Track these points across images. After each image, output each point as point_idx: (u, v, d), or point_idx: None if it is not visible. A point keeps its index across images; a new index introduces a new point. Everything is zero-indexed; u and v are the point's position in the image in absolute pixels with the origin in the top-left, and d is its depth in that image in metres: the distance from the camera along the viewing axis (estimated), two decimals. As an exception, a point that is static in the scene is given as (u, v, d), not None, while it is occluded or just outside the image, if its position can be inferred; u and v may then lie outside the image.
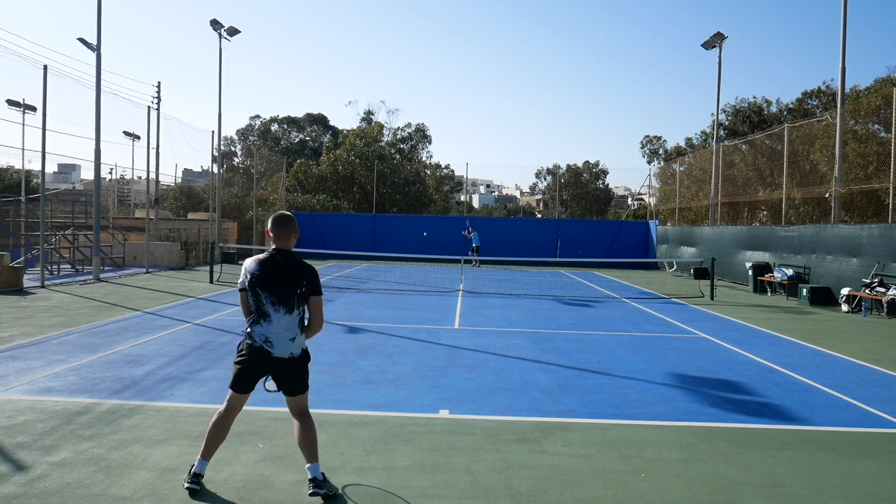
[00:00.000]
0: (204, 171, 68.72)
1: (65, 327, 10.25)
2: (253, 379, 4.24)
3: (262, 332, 4.14)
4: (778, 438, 5.66)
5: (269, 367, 4.18)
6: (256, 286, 4.13)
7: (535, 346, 9.71)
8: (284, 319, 4.14)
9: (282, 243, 4.24)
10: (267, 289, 4.12)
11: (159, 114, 25.94)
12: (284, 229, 4.24)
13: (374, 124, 50.30)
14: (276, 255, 4.21)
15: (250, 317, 4.20)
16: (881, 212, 22.09)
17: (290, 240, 4.26)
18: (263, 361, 4.16)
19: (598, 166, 64.77)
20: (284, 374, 4.20)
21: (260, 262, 4.18)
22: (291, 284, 4.14)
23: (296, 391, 4.26)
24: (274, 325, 4.13)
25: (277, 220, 4.26)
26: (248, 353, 4.17)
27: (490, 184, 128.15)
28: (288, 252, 4.25)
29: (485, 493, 4.34)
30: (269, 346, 4.14)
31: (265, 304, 4.12)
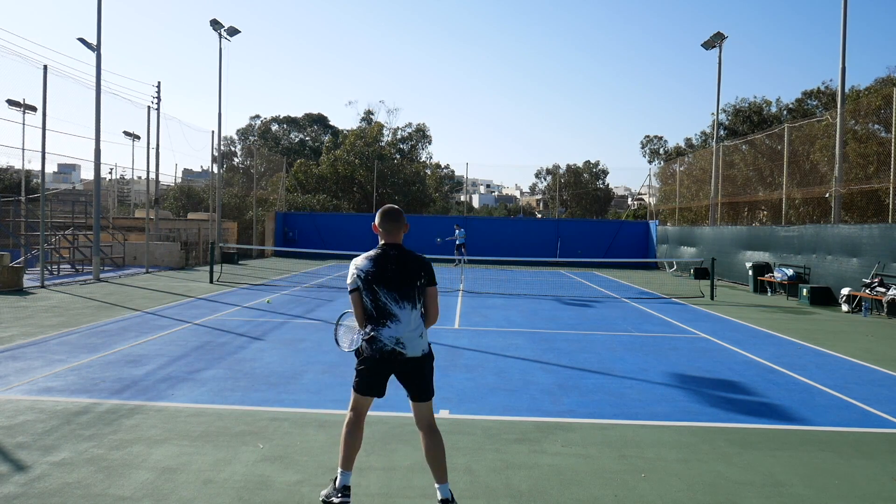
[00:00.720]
0: (204, 171, 68.73)
1: (65, 327, 10.25)
2: (382, 381, 4.07)
3: (391, 333, 3.94)
4: (778, 438, 5.66)
5: (399, 367, 4.00)
6: (373, 283, 3.94)
7: (535, 346, 9.71)
8: (411, 316, 3.97)
9: (392, 237, 4.08)
10: (385, 285, 3.94)
11: (159, 114, 25.96)
12: (395, 223, 4.08)
13: (374, 124, 50.30)
14: (388, 249, 4.04)
15: (370, 320, 3.98)
16: (881, 212, 22.09)
17: (400, 233, 4.10)
18: (395, 363, 3.98)
19: (598, 166, 64.76)
20: (414, 374, 4.00)
21: (372, 258, 4.01)
22: (411, 278, 3.98)
23: (426, 395, 4.06)
24: (403, 324, 3.95)
25: (388, 214, 4.10)
26: (378, 358, 3.96)
27: (490, 184, 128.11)
28: (400, 245, 4.09)
29: (485, 493, 4.34)
30: (401, 348, 3.95)
31: (388, 302, 3.94)
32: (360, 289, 4.00)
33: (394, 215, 4.10)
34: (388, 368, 4.01)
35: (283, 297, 15.41)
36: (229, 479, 4.42)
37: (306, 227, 33.93)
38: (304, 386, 7.03)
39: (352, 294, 4.05)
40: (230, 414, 5.93)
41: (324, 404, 6.33)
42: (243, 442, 5.17)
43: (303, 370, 7.76)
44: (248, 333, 10.20)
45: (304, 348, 9.09)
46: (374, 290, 3.95)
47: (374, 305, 3.96)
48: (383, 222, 4.08)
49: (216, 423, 5.62)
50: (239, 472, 4.55)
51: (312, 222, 34.18)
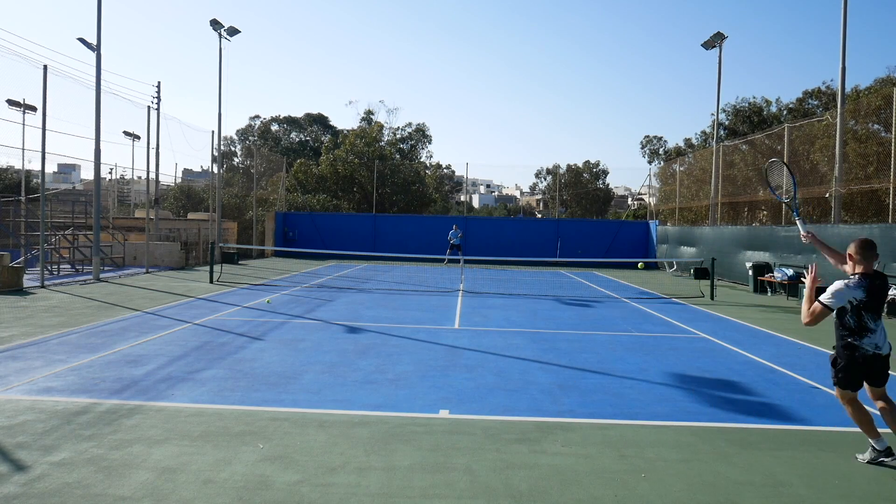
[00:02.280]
0: (204, 171, 68.76)
1: (65, 327, 10.25)
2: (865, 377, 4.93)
3: (870, 342, 4.82)
4: (778, 438, 5.66)
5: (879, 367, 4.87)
6: (863, 310, 4.79)
7: (535, 346, 9.71)
8: (881, 325, 4.89)
9: (872, 267, 4.85)
10: (872, 310, 4.79)
11: (159, 114, 25.98)
12: (876, 253, 4.85)
13: (374, 124, 50.30)
14: (875, 279, 4.79)
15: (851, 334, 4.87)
16: (881, 212, 22.09)
17: (873, 262, 4.88)
18: (875, 364, 4.85)
19: (598, 166, 64.75)
20: (882, 370, 4.89)
21: (866, 289, 4.75)
22: (884, 299, 4.87)
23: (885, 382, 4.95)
24: (879, 332, 4.83)
25: (872, 246, 4.83)
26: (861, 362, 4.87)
27: (490, 184, 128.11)
28: (879, 274, 4.87)
29: (485, 493, 4.34)
30: (878, 351, 4.83)
31: (868, 321, 4.81)
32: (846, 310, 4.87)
33: (874, 246, 4.89)
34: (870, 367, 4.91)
35: (283, 297, 15.41)
36: (229, 479, 4.42)
37: (306, 227, 33.94)
38: (304, 386, 7.03)
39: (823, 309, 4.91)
40: (230, 414, 5.93)
41: (324, 404, 6.33)
42: (243, 442, 5.17)
43: (303, 370, 7.76)
44: (248, 333, 10.20)
45: (304, 348, 9.09)
46: (861, 314, 4.82)
47: (857, 323, 4.86)
48: (870, 252, 4.83)
49: (216, 423, 5.62)
50: (239, 472, 4.55)
51: (312, 222, 34.18)
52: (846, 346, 4.87)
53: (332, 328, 10.95)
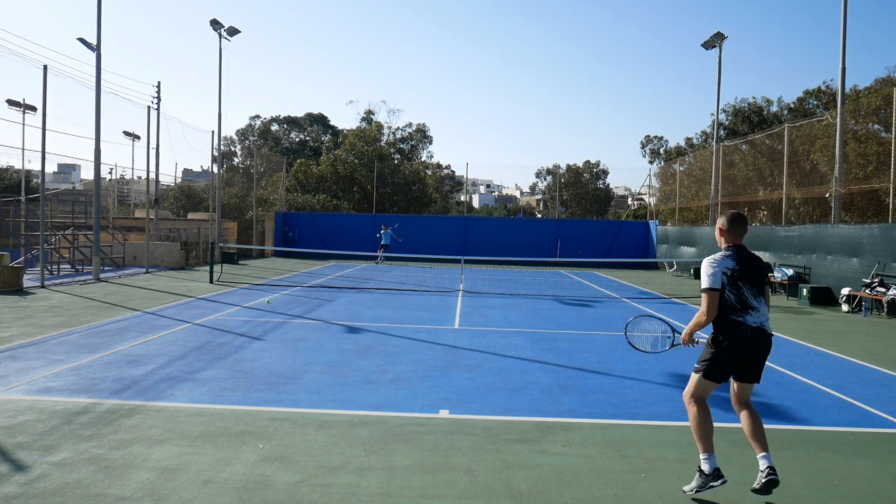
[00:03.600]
0: (204, 171, 68.75)
1: (65, 327, 10.25)
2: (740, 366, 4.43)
3: (754, 319, 4.35)
4: (778, 438, 5.65)
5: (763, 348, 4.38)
6: (739, 280, 4.33)
7: (535, 346, 9.71)
8: (764, 308, 4.42)
9: (740, 239, 4.50)
10: (749, 282, 4.35)
11: (159, 114, 26.00)
12: (745, 227, 4.55)
13: (375, 124, 50.31)
14: (742, 250, 4.44)
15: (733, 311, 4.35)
16: (881, 212, 22.09)
17: (743, 236, 4.54)
18: (761, 340, 4.35)
19: (598, 166, 64.79)
20: (764, 357, 4.43)
21: (735, 258, 4.38)
22: (764, 276, 4.45)
23: (759, 378, 4.49)
24: (762, 313, 4.39)
25: (741, 219, 4.53)
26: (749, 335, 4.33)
27: (490, 184, 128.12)
28: (745, 247, 4.51)
29: (485, 493, 4.34)
30: (766, 326, 4.39)
31: (748, 297, 4.35)
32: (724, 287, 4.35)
33: (744, 220, 4.58)
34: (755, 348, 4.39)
35: (283, 297, 15.41)
36: (229, 479, 4.42)
37: (306, 227, 33.94)
38: (304, 386, 7.03)
39: (711, 294, 4.36)
40: (230, 414, 5.93)
41: (324, 404, 6.33)
42: (243, 442, 5.17)
43: (303, 370, 7.76)
44: (248, 333, 10.20)
45: (304, 348, 9.09)
46: (739, 285, 4.35)
47: (738, 299, 4.36)
48: (738, 226, 4.51)
49: (216, 423, 5.62)
50: (239, 472, 4.55)
51: (312, 222, 34.18)
52: (728, 323, 4.36)
53: (332, 328, 10.95)
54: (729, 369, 4.43)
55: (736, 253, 4.41)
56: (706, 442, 4.37)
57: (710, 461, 4.31)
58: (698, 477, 4.33)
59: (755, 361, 4.43)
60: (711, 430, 4.40)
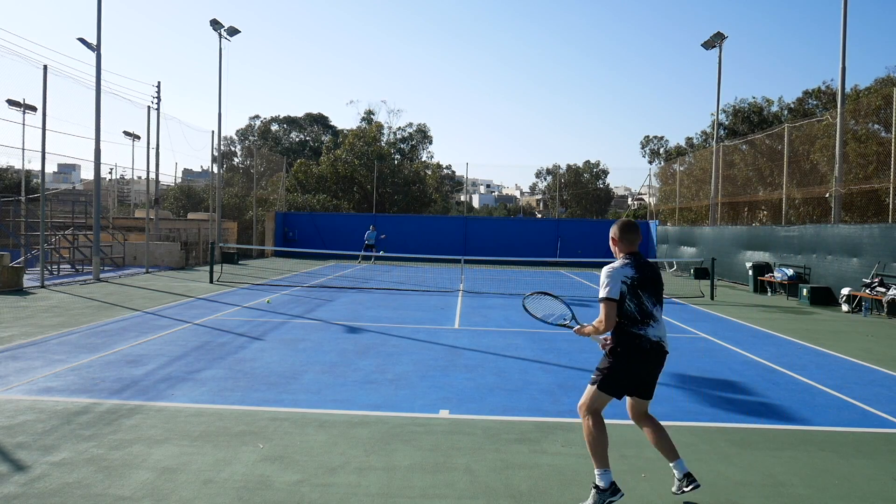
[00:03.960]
0: (204, 171, 68.76)
1: (65, 327, 10.25)
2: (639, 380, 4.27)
3: (654, 332, 4.21)
4: (778, 438, 5.66)
5: (659, 363, 4.26)
6: (638, 289, 4.17)
7: (535, 346, 9.70)
8: (662, 318, 4.31)
9: (635, 247, 4.36)
10: (647, 290, 4.21)
11: (159, 114, 25.99)
12: (639, 234, 4.40)
13: (375, 124, 50.31)
14: (639, 258, 4.31)
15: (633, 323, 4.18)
16: (881, 212, 22.09)
17: (637, 244, 4.41)
18: (659, 356, 4.23)
19: (598, 166, 64.80)
20: (659, 372, 4.31)
21: (633, 266, 4.23)
22: (661, 284, 4.35)
23: (652, 394, 4.35)
24: (661, 325, 4.26)
25: (633, 226, 4.40)
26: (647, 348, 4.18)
27: (490, 184, 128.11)
28: (641, 254, 4.37)
29: (485, 493, 4.34)
30: (664, 343, 4.25)
31: (648, 305, 4.20)
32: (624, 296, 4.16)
33: (637, 227, 4.45)
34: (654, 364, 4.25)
35: (283, 297, 15.41)
36: (229, 479, 4.42)
37: (306, 227, 33.94)
38: (304, 386, 7.03)
39: (609, 303, 4.13)
40: (230, 414, 5.93)
41: (324, 404, 6.33)
42: (243, 442, 5.17)
43: (303, 370, 7.76)
44: (248, 333, 10.20)
45: (304, 348, 9.09)
46: (639, 293, 4.19)
47: (638, 308, 4.19)
48: (631, 234, 4.37)
49: (216, 423, 5.62)
50: (239, 472, 4.55)
51: (312, 222, 34.19)
52: (629, 336, 4.17)
53: (332, 328, 10.95)
54: (627, 384, 4.26)
55: (634, 261, 4.25)
56: (601, 457, 4.17)
57: (606, 476, 4.14)
58: (594, 494, 4.13)
59: (652, 376, 4.28)
60: (606, 443, 4.22)
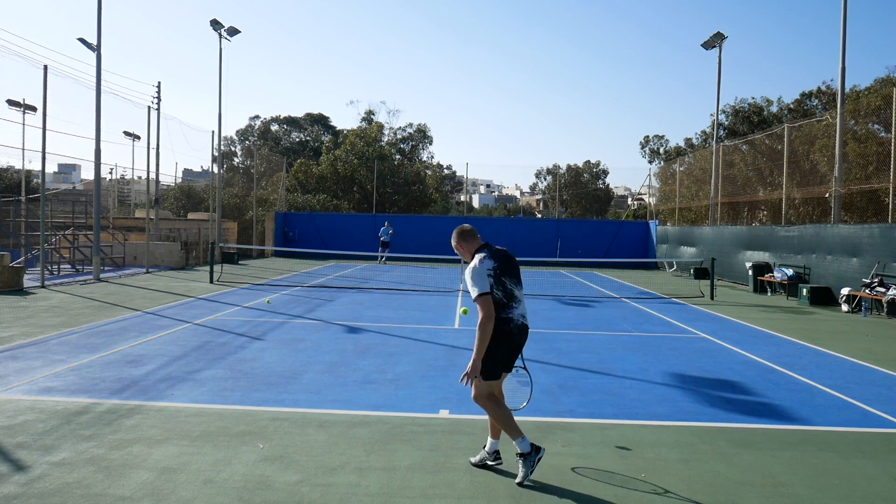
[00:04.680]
0: (204, 171, 68.76)
1: (65, 327, 10.25)
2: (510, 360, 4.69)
3: (519, 312, 4.60)
4: (778, 438, 5.66)
5: (524, 340, 4.66)
6: (501, 276, 4.53)
7: (535, 346, 9.70)
8: (523, 296, 4.71)
9: (479, 241, 4.75)
10: (509, 274, 4.59)
11: (159, 114, 25.99)
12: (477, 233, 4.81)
13: (375, 124, 50.31)
14: (491, 247, 4.68)
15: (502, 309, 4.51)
16: (881, 212, 22.09)
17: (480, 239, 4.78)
18: (525, 335, 4.64)
19: (598, 166, 64.79)
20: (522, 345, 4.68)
21: (491, 257, 4.57)
22: (517, 265, 4.73)
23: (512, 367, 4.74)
24: (523, 303, 4.67)
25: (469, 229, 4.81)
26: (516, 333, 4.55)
27: (490, 184, 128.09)
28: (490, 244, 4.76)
29: (485, 493, 4.34)
30: (526, 322, 4.66)
31: (513, 288, 4.58)
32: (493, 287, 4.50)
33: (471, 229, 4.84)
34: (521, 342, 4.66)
35: (283, 297, 15.41)
36: (229, 479, 4.42)
37: (306, 227, 33.93)
38: (304, 386, 7.03)
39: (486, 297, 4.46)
40: (230, 414, 5.93)
41: (324, 404, 6.33)
42: (243, 442, 5.17)
43: (303, 370, 7.76)
44: (248, 333, 10.20)
45: (304, 348, 9.09)
46: (503, 280, 4.55)
47: (504, 293, 4.54)
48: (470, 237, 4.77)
49: (216, 423, 5.62)
50: (239, 472, 4.55)
51: (312, 222, 34.18)
52: (500, 321, 4.47)
53: (332, 328, 10.95)
54: (502, 364, 4.63)
55: (489, 252, 4.60)
56: (513, 428, 4.51)
57: (524, 443, 4.46)
58: (522, 461, 4.45)
59: (517, 353, 4.68)
60: (510, 416, 4.58)
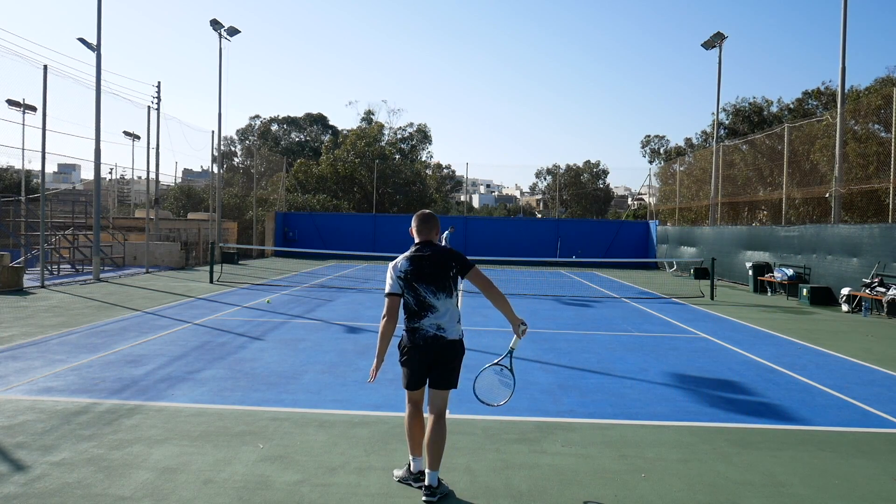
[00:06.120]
0: (204, 171, 68.78)
1: (65, 327, 10.25)
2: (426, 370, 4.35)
3: (432, 322, 4.28)
4: (778, 438, 5.66)
5: (440, 353, 4.29)
6: (413, 281, 4.28)
7: (535, 346, 9.70)
8: (446, 306, 4.31)
9: (425, 237, 4.43)
10: (425, 281, 4.27)
11: (159, 114, 25.97)
12: (431, 224, 4.44)
13: (375, 124, 50.31)
14: (425, 248, 4.36)
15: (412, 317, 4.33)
16: (881, 212, 22.08)
17: (429, 233, 4.44)
18: (437, 347, 4.28)
19: (598, 166, 64.73)
20: (446, 359, 4.30)
21: (411, 259, 4.33)
22: (445, 272, 4.30)
23: (449, 383, 4.37)
24: (444, 313, 4.29)
25: (426, 217, 4.46)
26: (421, 344, 4.28)
27: (490, 184, 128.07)
28: (431, 243, 4.41)
29: (485, 493, 4.34)
30: (441, 332, 4.28)
31: (427, 296, 4.27)
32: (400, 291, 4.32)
33: (426, 218, 4.48)
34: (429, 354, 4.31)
35: (283, 297, 15.41)
36: (229, 479, 4.42)
37: (306, 227, 33.93)
38: (304, 386, 7.03)
39: (391, 298, 4.34)
40: (230, 414, 5.93)
41: (324, 404, 6.33)
42: (243, 442, 5.17)
43: (303, 370, 7.76)
44: (248, 333, 10.20)
45: (304, 348, 9.09)
46: (414, 286, 4.29)
47: (415, 300, 4.30)
48: (419, 224, 4.45)
49: (216, 423, 5.62)
50: (239, 472, 4.55)
51: (312, 222, 34.18)
52: (408, 330, 4.33)
53: (332, 328, 10.95)
54: (416, 375, 4.36)
55: (415, 252, 4.34)
56: (412, 444, 4.45)
57: (416, 462, 4.43)
58: (407, 469, 4.50)
59: (440, 366, 4.31)
60: (419, 435, 4.40)
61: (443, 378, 4.32)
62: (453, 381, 4.39)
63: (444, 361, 4.30)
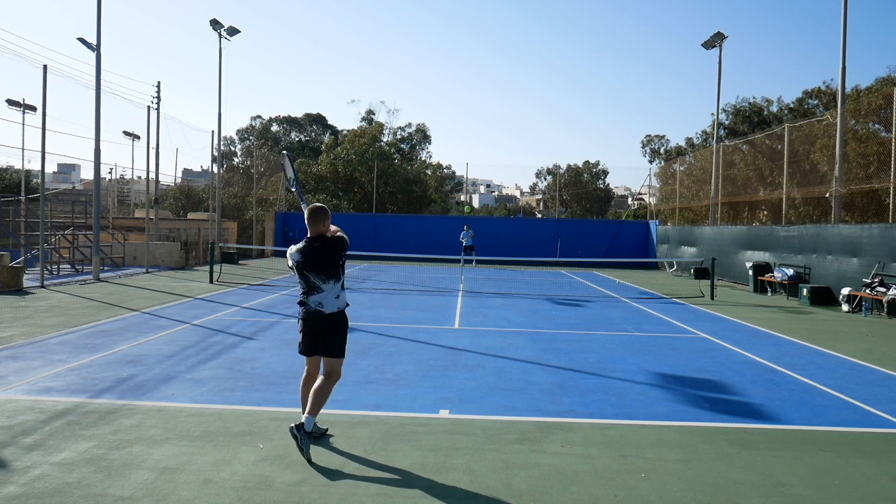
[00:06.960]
0: (204, 171, 68.78)
1: (65, 327, 10.25)
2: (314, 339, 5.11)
3: (315, 300, 5.05)
4: (778, 438, 5.66)
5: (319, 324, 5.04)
6: (304, 269, 5.03)
7: (535, 346, 9.71)
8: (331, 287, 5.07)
9: (315, 230, 5.11)
10: (314, 270, 5.03)
11: (159, 114, 25.95)
12: (321, 217, 5.12)
13: (375, 124, 50.32)
14: (314, 241, 5.07)
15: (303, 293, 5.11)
16: (881, 212, 22.09)
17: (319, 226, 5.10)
18: (318, 318, 5.04)
19: (598, 166, 64.78)
20: (328, 331, 5.05)
21: (302, 252, 5.04)
22: (333, 261, 5.05)
23: (335, 352, 5.09)
24: (325, 292, 5.05)
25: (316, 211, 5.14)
26: (306, 318, 5.08)
27: (490, 184, 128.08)
28: (321, 237, 5.10)
29: (485, 493, 4.34)
30: (320, 308, 5.05)
31: (316, 281, 5.03)
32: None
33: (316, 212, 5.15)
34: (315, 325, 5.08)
35: (282, 296, 15.41)
36: (229, 479, 4.42)
37: (306, 226, 33.89)
38: (304, 386, 7.02)
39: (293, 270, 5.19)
40: (230, 414, 5.93)
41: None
42: (243, 442, 5.17)
43: (303, 370, 7.72)
44: (248, 333, 10.20)
45: (304, 348, 9.08)
46: (305, 273, 5.05)
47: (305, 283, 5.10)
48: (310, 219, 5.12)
49: (216, 423, 5.62)
50: (239, 472, 4.55)
51: (312, 222, 34.14)
52: (300, 304, 5.13)
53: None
54: (304, 343, 5.14)
55: (306, 245, 5.05)
56: (303, 404, 5.21)
57: (308, 421, 4.86)
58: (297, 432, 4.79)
59: (322, 336, 5.06)
60: (306, 394, 5.17)
61: (329, 347, 5.07)
62: (339, 351, 5.10)
63: (327, 333, 5.05)
